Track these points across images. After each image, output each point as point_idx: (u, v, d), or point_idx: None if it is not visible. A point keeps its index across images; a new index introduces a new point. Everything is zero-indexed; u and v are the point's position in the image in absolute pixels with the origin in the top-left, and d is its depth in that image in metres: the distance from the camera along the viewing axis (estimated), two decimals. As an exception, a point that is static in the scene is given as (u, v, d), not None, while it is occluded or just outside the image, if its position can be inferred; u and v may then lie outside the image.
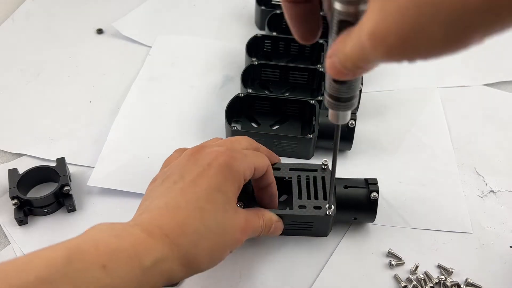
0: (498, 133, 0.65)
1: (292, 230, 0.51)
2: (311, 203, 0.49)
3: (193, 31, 0.80)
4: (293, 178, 0.51)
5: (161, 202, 0.40)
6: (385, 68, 0.74)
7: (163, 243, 0.37)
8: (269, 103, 0.63)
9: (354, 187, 0.51)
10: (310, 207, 0.49)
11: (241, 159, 0.43)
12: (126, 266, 0.34)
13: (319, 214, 0.49)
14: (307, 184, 0.51)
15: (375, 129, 0.64)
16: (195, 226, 0.39)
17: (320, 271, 0.49)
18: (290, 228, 0.51)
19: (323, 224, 0.50)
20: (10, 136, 0.62)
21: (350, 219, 0.52)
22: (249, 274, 0.49)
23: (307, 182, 0.51)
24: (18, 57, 0.74)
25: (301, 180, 0.51)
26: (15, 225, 0.52)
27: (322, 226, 0.51)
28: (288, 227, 0.50)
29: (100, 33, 0.79)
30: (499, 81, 0.73)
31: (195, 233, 0.38)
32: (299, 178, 0.52)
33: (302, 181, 0.51)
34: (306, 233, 0.52)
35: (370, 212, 0.51)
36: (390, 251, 0.51)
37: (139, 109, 0.66)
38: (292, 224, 0.50)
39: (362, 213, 0.51)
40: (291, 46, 0.71)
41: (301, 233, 0.52)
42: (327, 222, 0.50)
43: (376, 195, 0.50)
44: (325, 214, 0.48)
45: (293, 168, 0.52)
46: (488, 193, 0.57)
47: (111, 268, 0.33)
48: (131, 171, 0.58)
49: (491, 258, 0.51)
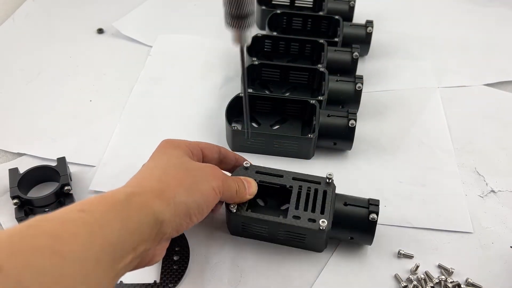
0: (498, 133, 0.65)
1: (285, 240, 0.51)
2: (306, 215, 0.48)
3: (194, 30, 0.80)
4: (294, 188, 0.51)
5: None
6: (385, 68, 0.74)
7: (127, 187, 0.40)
8: (269, 103, 0.63)
9: (353, 206, 0.49)
10: (305, 219, 0.48)
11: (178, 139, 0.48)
12: (101, 205, 0.36)
13: (311, 228, 0.47)
14: (306, 195, 0.50)
15: (375, 129, 0.64)
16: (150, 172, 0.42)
17: (321, 271, 0.49)
18: (283, 238, 0.50)
19: (316, 238, 0.49)
20: (10, 135, 0.62)
21: (346, 238, 0.50)
22: (249, 274, 0.49)
23: (307, 193, 0.50)
24: (18, 57, 0.75)
25: (301, 191, 0.50)
26: (16, 224, 0.52)
27: (315, 240, 0.49)
28: (281, 237, 0.50)
29: (101, 33, 0.80)
30: (499, 81, 0.73)
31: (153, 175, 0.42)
32: (300, 189, 0.50)
33: (302, 192, 0.50)
34: (299, 245, 0.51)
35: (367, 233, 0.49)
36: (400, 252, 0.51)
37: (140, 111, 0.66)
38: (285, 234, 0.50)
39: (358, 233, 0.49)
40: (291, 46, 0.71)
41: (294, 244, 0.51)
42: (320, 237, 0.49)
43: (375, 216, 0.48)
44: (318, 228, 0.47)
45: (297, 177, 0.51)
46: (489, 193, 0.57)
47: (88, 210, 0.35)
48: (133, 174, 0.58)
49: (491, 258, 0.51)
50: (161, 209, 0.38)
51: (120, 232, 0.35)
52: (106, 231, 0.34)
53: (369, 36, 0.72)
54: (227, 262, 0.50)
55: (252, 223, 0.49)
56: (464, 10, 0.87)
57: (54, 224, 0.33)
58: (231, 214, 0.49)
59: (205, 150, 0.49)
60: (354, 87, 0.63)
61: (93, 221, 0.34)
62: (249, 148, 0.59)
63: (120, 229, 0.35)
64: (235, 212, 0.48)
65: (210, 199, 0.43)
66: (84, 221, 0.34)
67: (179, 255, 0.50)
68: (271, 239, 0.51)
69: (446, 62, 0.76)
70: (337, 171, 0.58)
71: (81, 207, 0.35)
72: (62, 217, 0.33)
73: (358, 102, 0.64)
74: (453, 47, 0.79)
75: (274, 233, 0.50)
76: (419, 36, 0.81)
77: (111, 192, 0.38)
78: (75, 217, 0.34)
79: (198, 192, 0.42)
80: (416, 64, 0.75)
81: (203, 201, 0.42)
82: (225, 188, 0.45)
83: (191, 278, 0.48)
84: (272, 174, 0.52)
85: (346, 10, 0.77)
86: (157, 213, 0.38)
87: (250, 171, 0.51)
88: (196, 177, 0.43)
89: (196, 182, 0.42)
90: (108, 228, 0.34)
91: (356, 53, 0.67)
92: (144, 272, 0.49)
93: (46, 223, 0.32)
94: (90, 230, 0.33)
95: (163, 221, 0.38)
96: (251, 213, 0.49)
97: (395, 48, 0.78)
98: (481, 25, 0.84)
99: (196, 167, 0.44)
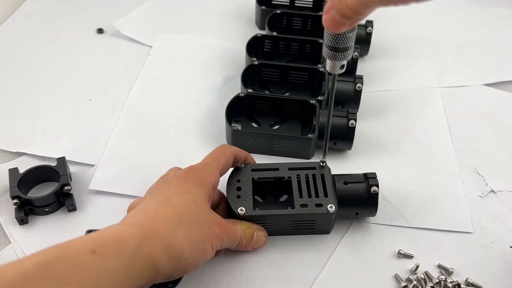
0: (498, 133, 0.65)
1: (294, 229, 0.51)
2: (312, 201, 0.50)
3: (194, 31, 0.80)
4: (293, 178, 0.52)
5: (137, 209, 0.44)
6: (385, 68, 0.74)
7: (142, 230, 0.40)
8: (269, 103, 0.63)
9: (353, 183, 0.51)
10: (312, 205, 0.49)
11: (204, 168, 0.47)
12: (113, 249, 0.37)
13: (321, 212, 0.49)
14: (307, 183, 0.51)
15: (375, 129, 0.64)
16: (168, 216, 0.42)
17: (320, 271, 0.49)
18: (292, 228, 0.51)
19: (325, 221, 0.50)
20: (10, 135, 0.62)
21: (352, 215, 0.52)
22: (249, 274, 0.49)
23: (306, 180, 0.51)
24: (18, 57, 0.75)
25: (300, 179, 0.51)
26: (16, 224, 0.52)
27: (324, 223, 0.51)
28: (290, 227, 0.50)
29: (101, 33, 0.80)
30: (499, 81, 0.73)
31: (170, 221, 0.41)
32: (299, 177, 0.52)
33: (301, 180, 0.51)
34: (309, 232, 0.52)
35: (371, 206, 0.51)
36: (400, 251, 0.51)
37: (140, 111, 0.66)
38: (295, 223, 0.50)
39: (363, 208, 0.51)
40: (291, 46, 0.71)
41: (303, 232, 0.52)
42: (329, 219, 0.50)
43: (376, 188, 0.50)
44: (327, 211, 0.49)
45: (292, 167, 0.52)
46: (489, 193, 0.57)
47: (99, 252, 0.36)
48: (132, 174, 0.58)
49: (491, 258, 0.51)
50: (164, 262, 0.40)
51: (122, 279, 0.37)
52: (110, 278, 0.36)
53: (369, 36, 0.72)
54: (227, 262, 0.50)
55: (262, 220, 0.50)
56: (464, 10, 0.87)
57: (67, 267, 0.34)
58: (239, 217, 0.49)
59: (232, 164, 0.51)
60: (354, 87, 0.63)
61: (102, 268, 0.36)
62: (249, 148, 0.59)
63: (122, 276, 0.37)
64: (243, 214, 0.48)
65: (207, 257, 0.44)
66: (94, 266, 0.35)
67: (179, 255, 0.50)
68: (280, 232, 0.51)
69: (446, 62, 0.76)
70: (337, 171, 0.58)
71: (94, 248, 0.36)
72: (75, 259, 0.35)
73: (358, 102, 0.64)
74: (453, 47, 0.79)
75: (284, 226, 0.50)
76: (419, 36, 0.81)
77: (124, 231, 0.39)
78: (86, 261, 0.35)
79: (202, 252, 0.43)
80: (416, 64, 0.75)
81: (202, 260, 0.43)
82: (225, 242, 0.46)
83: (191, 278, 0.48)
84: (268, 168, 0.52)
85: (346, 10, 0.77)
86: (160, 266, 0.39)
87: (246, 170, 0.52)
88: (203, 235, 0.43)
89: (202, 241, 0.43)
90: (113, 274, 0.36)
91: (356, 53, 0.67)
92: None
93: (60, 265, 0.34)
94: (98, 278, 0.35)
95: (160, 272, 0.40)
96: (260, 211, 0.49)
97: (395, 48, 0.78)
98: (481, 25, 0.84)
99: (206, 222, 0.44)
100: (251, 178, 0.51)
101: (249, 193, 0.50)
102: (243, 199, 0.50)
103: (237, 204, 0.49)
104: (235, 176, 0.52)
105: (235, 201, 0.49)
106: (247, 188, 0.50)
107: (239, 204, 0.49)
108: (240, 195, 0.50)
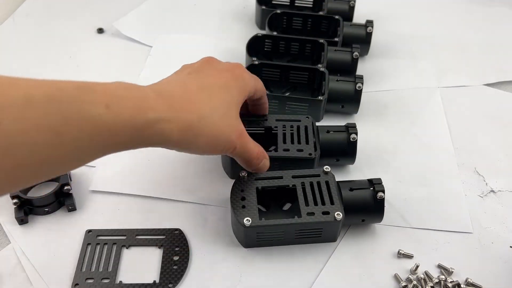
0: (498, 133, 0.65)
1: (300, 238, 0.50)
2: (319, 209, 0.48)
3: (194, 30, 0.80)
4: (297, 186, 0.50)
5: (174, 81, 0.45)
6: (385, 68, 0.74)
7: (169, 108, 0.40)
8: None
9: (359, 189, 0.51)
10: (319, 213, 0.48)
11: (251, 75, 0.50)
12: (127, 110, 0.37)
13: (328, 220, 0.48)
14: (312, 191, 0.50)
15: (375, 129, 0.64)
16: (201, 106, 0.42)
17: (320, 272, 0.49)
18: (298, 237, 0.50)
19: (332, 229, 0.50)
20: (10, 135, 0.62)
21: (358, 222, 0.51)
22: (249, 274, 0.49)
23: (311, 188, 0.50)
24: (18, 57, 0.75)
25: (305, 187, 0.50)
26: (16, 224, 0.52)
27: (331, 231, 0.50)
28: (297, 236, 0.50)
29: (101, 33, 0.80)
30: (499, 81, 0.73)
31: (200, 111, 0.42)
32: (303, 185, 0.51)
33: (306, 188, 0.50)
34: (315, 240, 0.51)
35: (378, 212, 0.50)
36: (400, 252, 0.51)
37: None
38: (301, 232, 0.49)
39: (369, 214, 0.51)
40: (291, 46, 0.71)
41: (309, 240, 0.51)
42: (337, 226, 0.49)
43: (382, 194, 0.50)
44: (334, 219, 0.48)
45: (296, 175, 0.51)
46: (488, 193, 0.57)
47: (113, 109, 0.36)
48: (132, 174, 0.58)
49: (491, 258, 0.51)
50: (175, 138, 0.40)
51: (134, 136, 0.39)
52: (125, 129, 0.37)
53: (369, 36, 0.72)
54: (227, 262, 0.50)
55: (268, 231, 0.49)
56: (464, 10, 0.87)
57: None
58: (245, 229, 0.48)
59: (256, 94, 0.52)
60: (354, 87, 0.63)
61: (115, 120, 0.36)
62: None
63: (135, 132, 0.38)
64: (249, 226, 0.47)
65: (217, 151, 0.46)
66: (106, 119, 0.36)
67: (179, 255, 0.50)
68: (286, 242, 0.51)
69: (446, 62, 0.76)
70: (337, 171, 0.58)
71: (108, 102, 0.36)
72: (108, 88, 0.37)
73: (358, 102, 0.64)
74: (453, 47, 0.79)
75: (290, 235, 0.50)
76: (419, 36, 0.81)
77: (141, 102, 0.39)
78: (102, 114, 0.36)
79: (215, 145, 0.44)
80: (416, 64, 0.75)
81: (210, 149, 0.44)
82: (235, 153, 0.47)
83: (191, 278, 0.48)
84: (272, 177, 0.51)
85: (346, 10, 0.77)
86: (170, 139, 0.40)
87: (249, 179, 0.51)
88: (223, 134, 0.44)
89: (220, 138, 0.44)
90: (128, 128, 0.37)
91: (356, 53, 0.67)
92: (144, 272, 0.49)
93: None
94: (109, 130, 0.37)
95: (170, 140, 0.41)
96: (267, 221, 0.48)
97: (395, 48, 0.78)
98: (481, 25, 0.84)
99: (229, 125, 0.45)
100: (255, 187, 0.50)
101: (254, 203, 0.49)
102: (248, 209, 0.48)
103: (242, 215, 0.48)
104: (239, 186, 0.50)
105: (240, 212, 0.48)
106: (252, 197, 0.49)
107: (244, 215, 0.48)
108: (245, 205, 0.49)
